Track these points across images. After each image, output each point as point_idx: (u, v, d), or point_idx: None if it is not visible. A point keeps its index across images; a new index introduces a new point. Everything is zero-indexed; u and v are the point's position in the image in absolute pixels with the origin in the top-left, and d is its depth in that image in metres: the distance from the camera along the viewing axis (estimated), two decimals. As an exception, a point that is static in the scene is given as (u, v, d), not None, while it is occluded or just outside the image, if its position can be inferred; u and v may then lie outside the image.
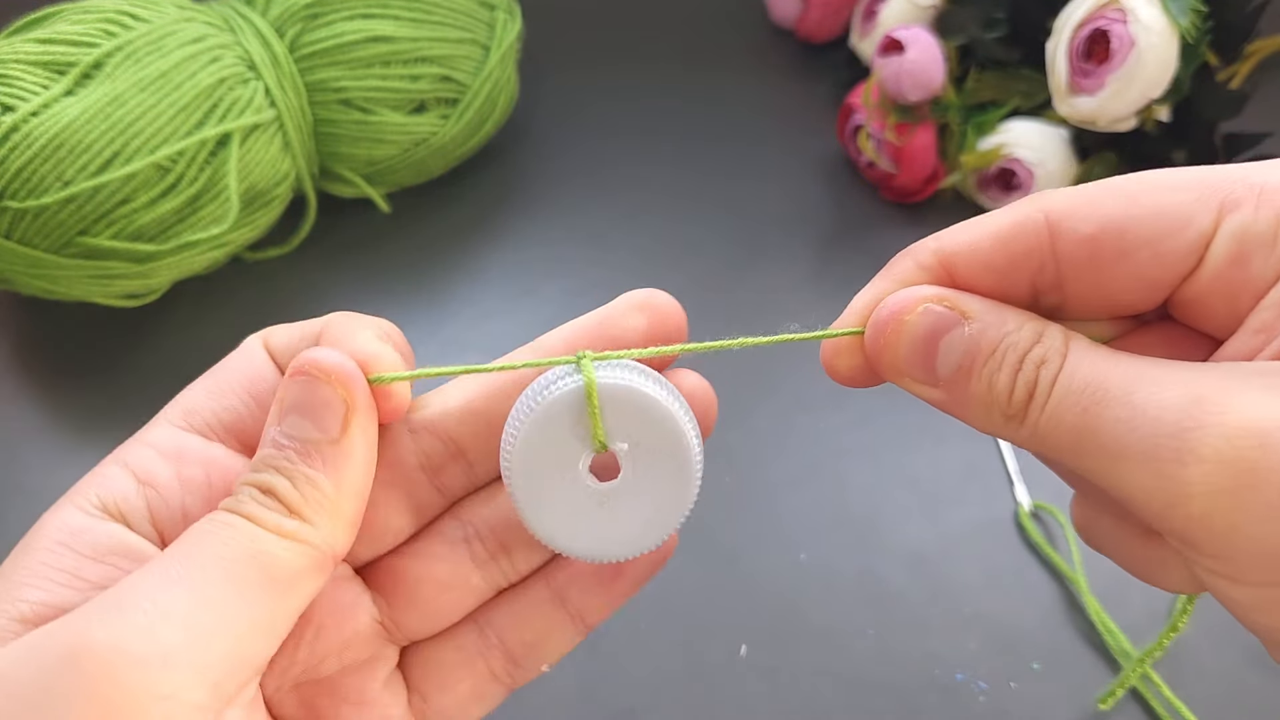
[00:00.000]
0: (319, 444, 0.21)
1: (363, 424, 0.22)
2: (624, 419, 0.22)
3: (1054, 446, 0.20)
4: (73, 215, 0.42)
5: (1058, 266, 0.21)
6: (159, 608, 0.19)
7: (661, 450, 0.22)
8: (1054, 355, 0.20)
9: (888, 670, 0.39)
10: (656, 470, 0.22)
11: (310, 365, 0.21)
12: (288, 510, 0.21)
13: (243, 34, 0.46)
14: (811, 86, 0.60)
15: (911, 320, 0.21)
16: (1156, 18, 0.44)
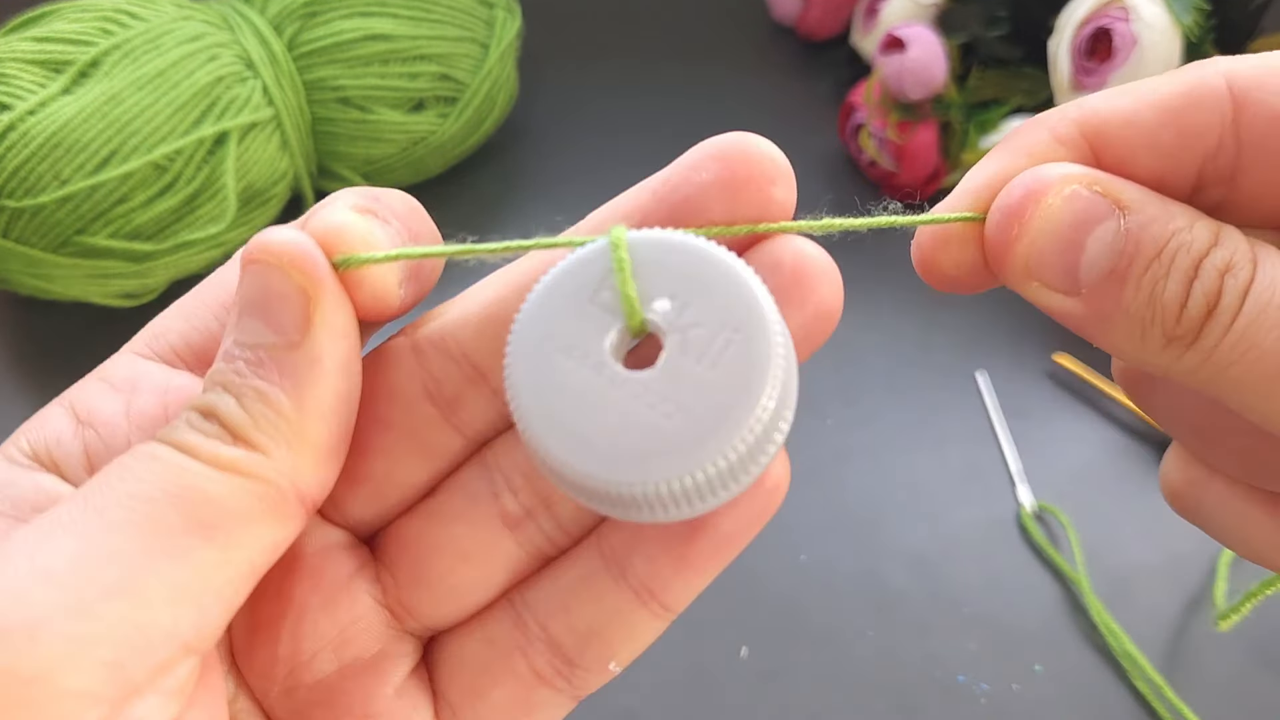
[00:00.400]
0: (274, 349, 0.16)
1: (330, 320, 0.16)
2: (667, 282, 0.16)
3: (1237, 377, 0.15)
4: (70, 214, 0.42)
5: (1239, 150, 0.16)
6: (35, 564, 0.14)
7: (717, 324, 0.15)
8: (1243, 261, 0.15)
9: (889, 672, 0.38)
10: (714, 353, 0.15)
11: (259, 250, 0.16)
12: (230, 435, 0.16)
13: (240, 32, 0.46)
14: (812, 85, 0.59)
15: (1053, 205, 0.16)
16: (1159, 16, 0.43)
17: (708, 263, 0.16)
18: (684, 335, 0.16)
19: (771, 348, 0.15)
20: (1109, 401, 0.45)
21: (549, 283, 0.17)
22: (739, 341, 0.15)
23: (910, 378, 0.47)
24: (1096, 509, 0.43)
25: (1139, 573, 0.41)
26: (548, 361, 0.16)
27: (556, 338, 0.16)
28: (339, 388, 0.17)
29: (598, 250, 0.16)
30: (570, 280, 0.16)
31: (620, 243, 0.16)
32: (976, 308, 0.49)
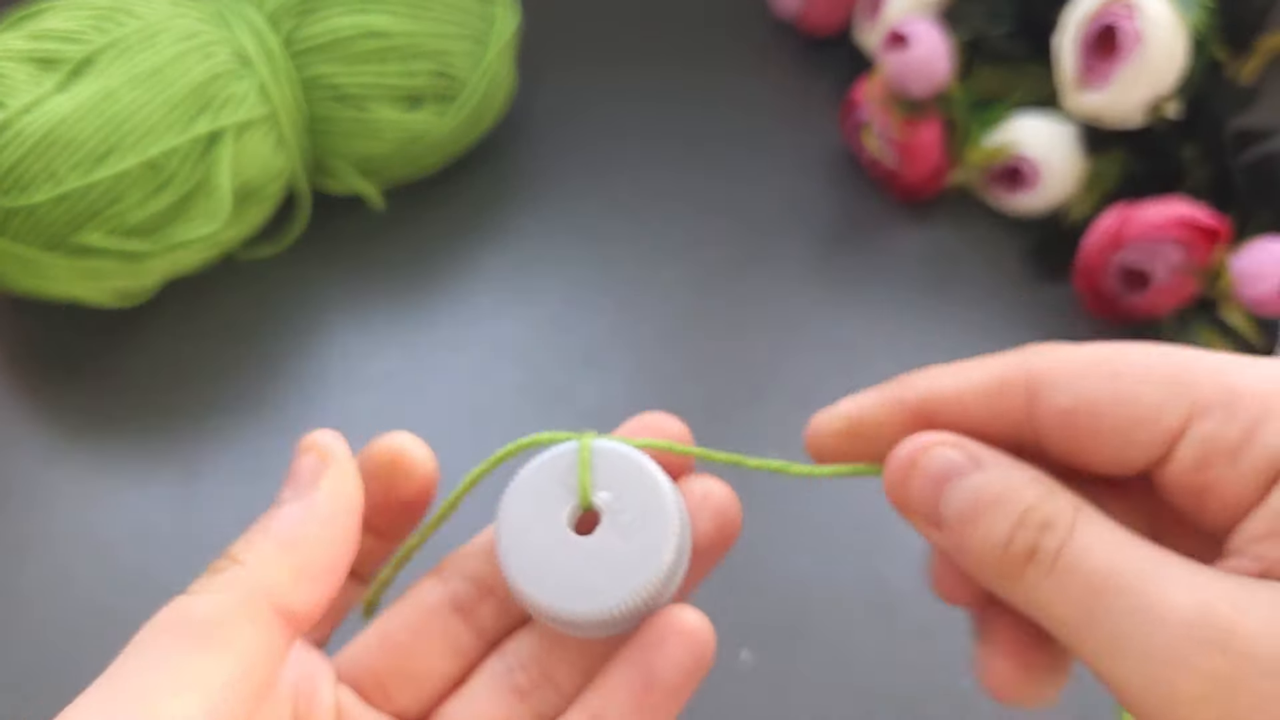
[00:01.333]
0: (284, 500, 0.21)
1: (334, 476, 0.22)
2: (612, 479, 0.23)
3: (1048, 615, 0.20)
4: (64, 213, 0.42)
5: (1035, 431, 0.21)
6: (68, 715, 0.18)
7: (640, 512, 0.23)
8: (1060, 521, 0.20)
9: (892, 676, 0.38)
10: (633, 532, 0.22)
11: (303, 442, 0.23)
12: (228, 559, 0.20)
13: (236, 29, 0.46)
14: (814, 82, 0.59)
15: (928, 459, 0.22)
16: (1165, 12, 0.43)
17: (641, 471, 0.23)
18: (615, 518, 0.23)
19: (668, 537, 0.22)
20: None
21: (533, 466, 0.24)
22: (648, 529, 0.22)
23: (913, 378, 0.46)
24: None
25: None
26: (524, 522, 0.23)
27: (532, 507, 0.23)
28: (328, 529, 0.21)
29: (571, 450, 0.23)
30: (549, 467, 0.23)
31: (585, 447, 0.23)
32: (980, 306, 0.49)
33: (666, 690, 0.23)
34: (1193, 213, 0.44)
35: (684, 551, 0.23)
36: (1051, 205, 0.50)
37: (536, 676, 0.24)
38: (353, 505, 0.22)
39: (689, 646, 0.23)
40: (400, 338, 0.48)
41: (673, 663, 0.23)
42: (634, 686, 0.23)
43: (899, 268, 0.51)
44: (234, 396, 0.46)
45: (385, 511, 0.24)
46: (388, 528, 0.25)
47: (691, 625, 0.23)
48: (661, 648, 0.22)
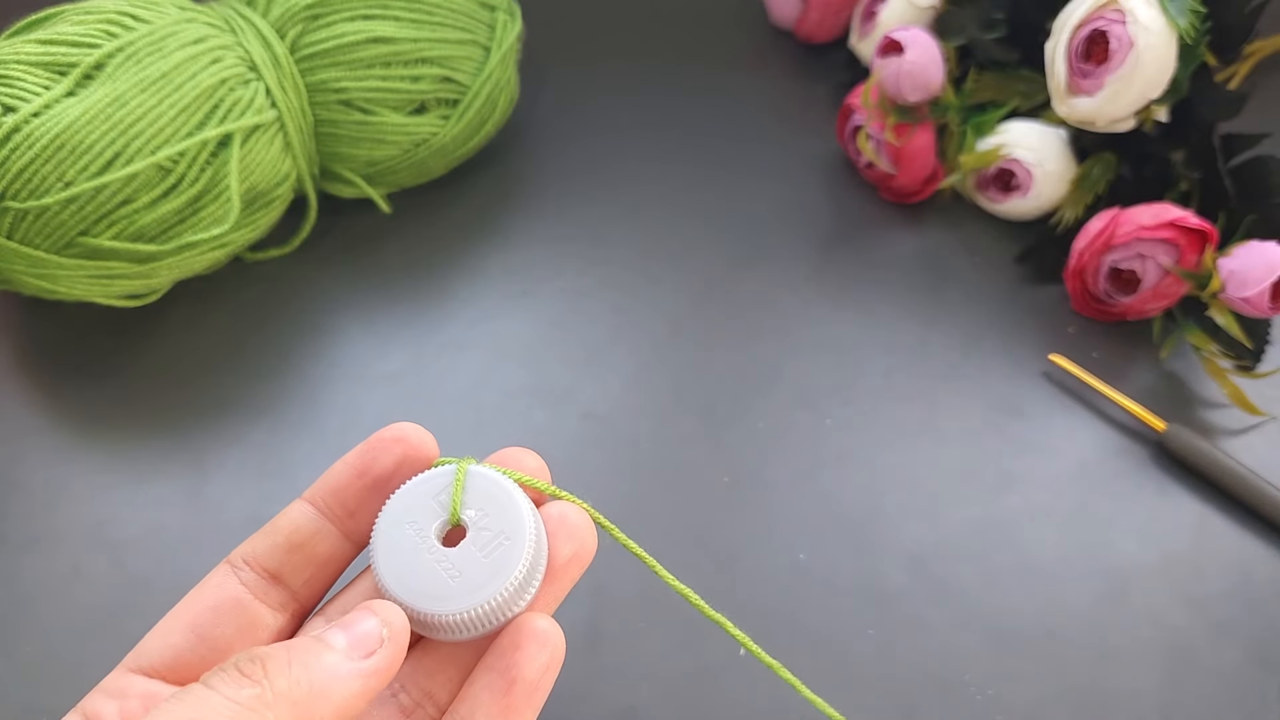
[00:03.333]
0: (336, 655, 0.22)
1: (389, 655, 0.23)
2: (480, 499, 0.26)
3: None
4: (74, 216, 0.42)
5: None
6: None
7: (499, 530, 0.25)
8: None
9: (887, 670, 0.39)
10: (492, 548, 0.25)
11: (379, 608, 0.24)
12: (264, 672, 0.21)
13: (244, 35, 0.46)
14: (811, 87, 0.60)
15: None
16: (1155, 18, 0.44)
17: (505, 494, 0.26)
18: (477, 534, 0.25)
19: (521, 552, 0.25)
20: (1105, 401, 0.46)
21: (412, 484, 0.26)
22: (505, 545, 0.25)
23: (908, 378, 0.47)
24: (1092, 508, 0.43)
25: (1134, 572, 0.41)
26: (398, 531, 0.25)
27: (406, 518, 0.25)
28: (361, 700, 0.22)
29: (448, 471, 0.26)
30: (426, 484, 0.26)
31: (461, 470, 0.26)
32: (973, 309, 0.49)
33: (526, 688, 0.25)
34: (1182, 215, 0.44)
35: (537, 566, 0.25)
36: (1043, 208, 0.51)
37: (417, 695, 0.26)
38: (387, 681, 0.23)
39: (541, 647, 0.25)
40: (406, 338, 0.48)
41: (529, 663, 0.25)
42: (496, 688, 0.25)
43: (894, 270, 0.51)
44: (242, 396, 0.46)
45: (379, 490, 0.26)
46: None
47: (542, 628, 0.25)
48: (517, 651, 0.25)
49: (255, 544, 0.26)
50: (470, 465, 0.26)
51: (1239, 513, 0.42)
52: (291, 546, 0.26)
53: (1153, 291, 0.46)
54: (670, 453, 0.45)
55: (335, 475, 0.27)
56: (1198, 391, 0.46)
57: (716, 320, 0.49)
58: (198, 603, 0.25)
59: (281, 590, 0.26)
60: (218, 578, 0.26)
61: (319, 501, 0.27)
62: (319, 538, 0.26)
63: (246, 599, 0.25)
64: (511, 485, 0.26)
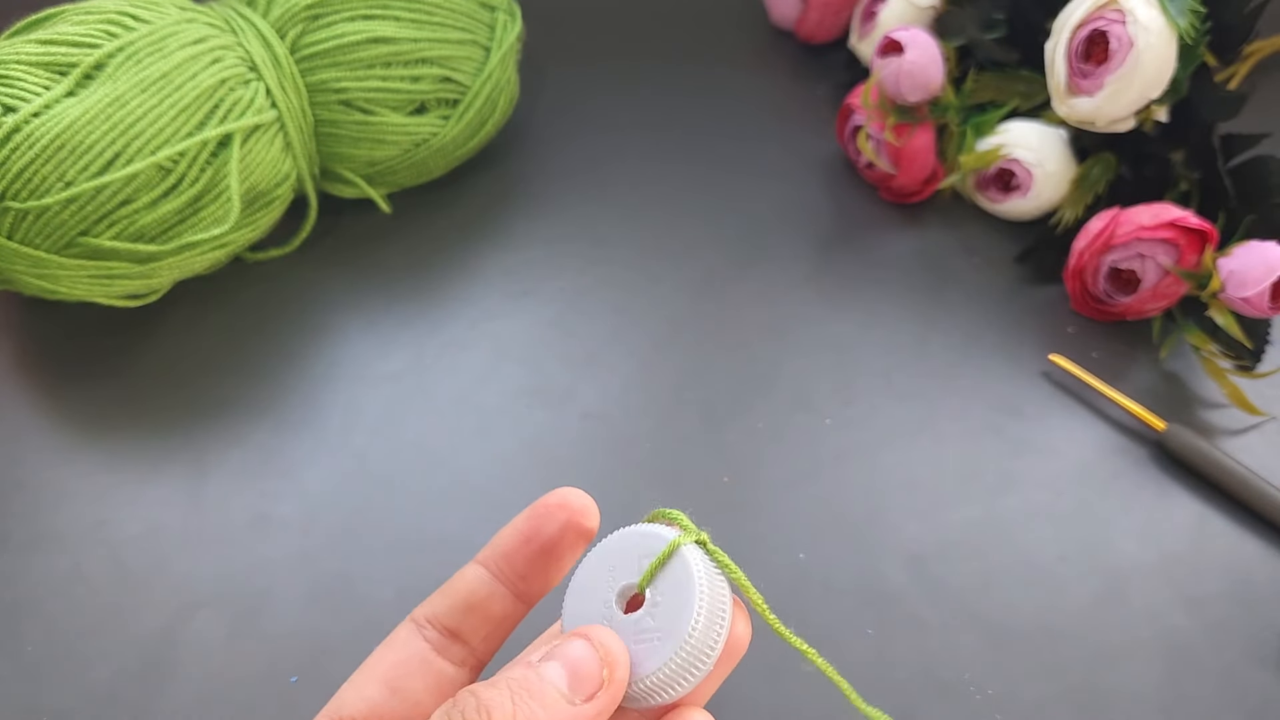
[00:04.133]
0: (560, 696, 0.22)
1: (607, 698, 0.23)
2: (667, 579, 0.25)
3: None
4: (74, 216, 0.42)
5: None
6: None
7: (671, 619, 0.24)
8: None
9: (887, 670, 0.39)
10: (664, 617, 0.24)
11: (598, 642, 0.23)
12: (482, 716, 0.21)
13: (244, 35, 0.46)
14: (811, 87, 0.60)
15: None
16: (1155, 18, 0.44)
17: (686, 573, 0.25)
18: (654, 604, 0.24)
19: (674, 646, 0.24)
20: (1104, 401, 0.46)
21: (608, 545, 0.26)
22: (667, 630, 0.24)
23: (908, 377, 0.47)
24: (1091, 508, 0.43)
25: (1134, 572, 0.41)
26: (585, 594, 0.25)
27: (599, 575, 0.25)
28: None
29: (653, 536, 0.25)
30: (622, 545, 0.25)
31: (674, 545, 0.25)
32: (973, 309, 0.49)
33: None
34: (1182, 216, 0.44)
35: (700, 656, 0.24)
36: (1043, 208, 0.51)
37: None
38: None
39: None
40: (407, 338, 0.48)
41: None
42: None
43: (893, 270, 0.51)
44: (243, 396, 0.47)
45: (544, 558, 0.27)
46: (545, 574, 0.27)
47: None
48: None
49: (435, 604, 0.27)
50: (685, 545, 0.25)
51: (1238, 513, 0.43)
52: (468, 608, 0.27)
53: (1152, 291, 0.46)
54: (670, 453, 0.45)
55: (505, 540, 0.27)
56: (1197, 391, 0.46)
57: (716, 320, 0.49)
58: (387, 657, 0.26)
59: (461, 647, 0.27)
60: (404, 634, 0.27)
61: (491, 565, 0.27)
62: (493, 599, 0.27)
63: (430, 655, 0.26)
64: (702, 573, 0.25)
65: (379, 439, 0.45)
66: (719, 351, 0.48)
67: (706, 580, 0.25)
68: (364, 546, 0.42)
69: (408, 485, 0.44)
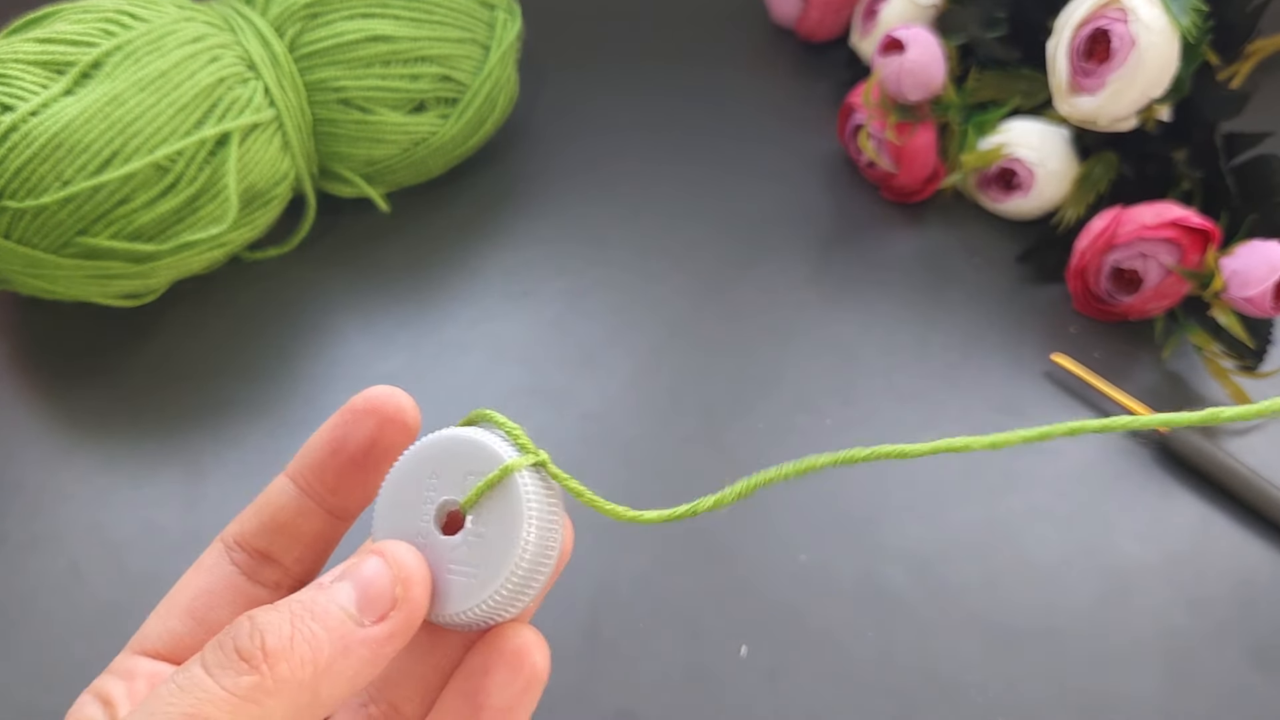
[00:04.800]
0: (345, 617, 0.20)
1: (404, 618, 0.21)
2: (493, 507, 0.23)
3: None
4: (72, 215, 0.42)
5: None
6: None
7: (493, 556, 0.22)
8: None
9: (888, 671, 0.39)
10: (486, 552, 0.23)
11: (393, 559, 0.21)
12: (263, 653, 0.19)
13: (242, 33, 0.46)
14: (812, 86, 0.59)
15: None
16: (1157, 17, 0.44)
17: (512, 490, 0.23)
18: (476, 535, 0.23)
19: (510, 566, 0.22)
20: (1106, 401, 0.46)
21: (419, 451, 0.23)
22: (501, 549, 0.22)
23: (909, 378, 0.47)
24: (1093, 509, 0.43)
25: (1136, 573, 0.41)
26: (398, 510, 0.23)
27: (410, 491, 0.23)
28: (366, 668, 0.20)
29: (464, 441, 0.23)
30: (437, 450, 0.23)
31: (505, 470, 0.23)
32: (974, 308, 0.49)
33: (497, 712, 0.23)
34: (1184, 215, 0.44)
35: (535, 573, 0.23)
36: (1045, 207, 0.51)
37: (385, 707, 0.24)
38: (403, 644, 0.21)
39: (515, 672, 0.23)
40: (405, 338, 0.48)
41: (499, 690, 0.22)
42: (462, 710, 0.23)
43: (894, 270, 0.51)
44: (241, 396, 0.46)
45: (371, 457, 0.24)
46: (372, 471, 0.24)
47: (516, 649, 0.23)
48: (486, 676, 0.23)
49: (245, 523, 0.25)
50: (517, 468, 0.23)
51: (1241, 514, 0.42)
52: (276, 527, 0.25)
53: (1155, 291, 0.46)
54: (670, 453, 0.44)
55: (311, 451, 0.25)
56: (1200, 392, 0.46)
57: (716, 320, 0.49)
58: (193, 584, 0.24)
59: (274, 568, 0.25)
60: (211, 558, 0.25)
61: (299, 479, 0.25)
62: (304, 517, 0.25)
63: (239, 580, 0.24)
64: (534, 509, 0.23)
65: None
66: (719, 352, 0.48)
67: (538, 514, 0.23)
68: (362, 547, 0.42)
69: (406, 486, 0.43)
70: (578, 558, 0.41)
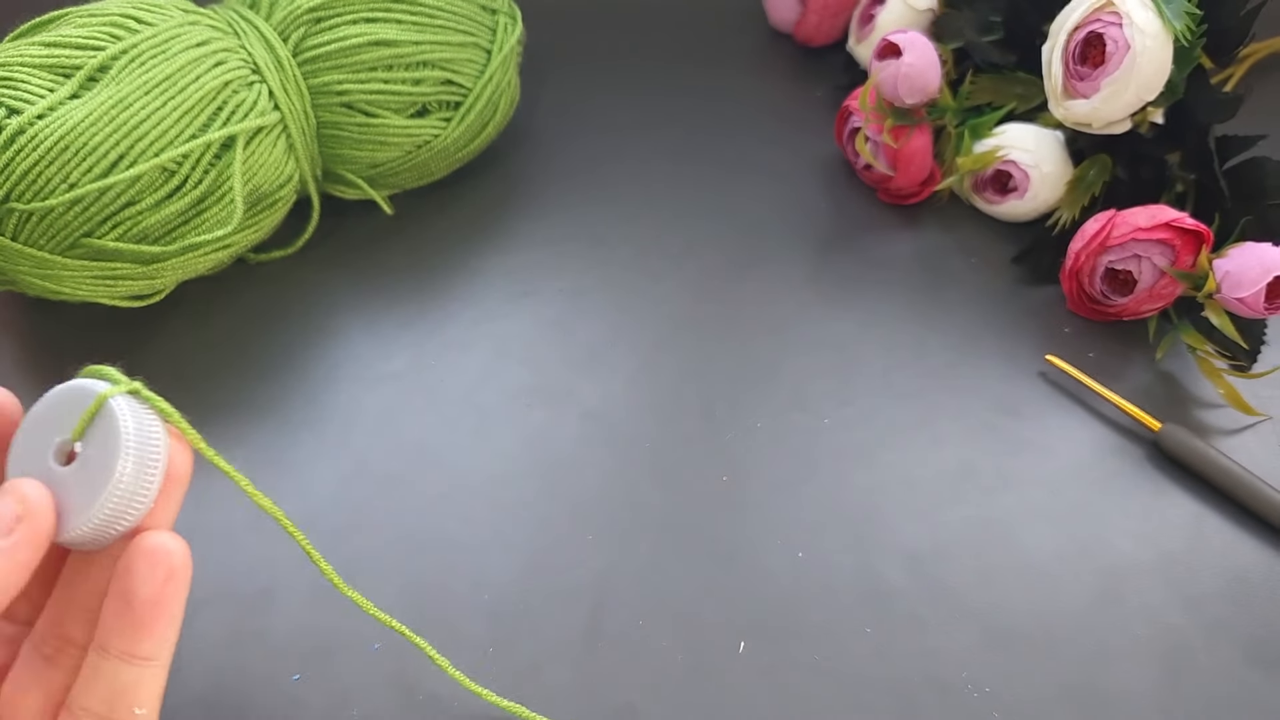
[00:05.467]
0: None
1: (19, 537, 0.25)
2: (97, 431, 0.27)
3: None
4: (78, 217, 0.42)
5: None
6: None
7: (100, 468, 0.26)
8: None
9: (886, 668, 0.39)
10: (92, 471, 0.26)
11: (9, 488, 0.26)
12: None
13: (247, 38, 0.46)
14: (809, 90, 0.60)
15: None
16: (1151, 21, 0.44)
17: (108, 412, 0.27)
18: (85, 457, 0.27)
19: (115, 475, 0.26)
20: (1100, 401, 0.46)
21: (46, 404, 0.28)
22: (106, 463, 0.26)
23: (905, 378, 0.47)
24: (1088, 508, 0.43)
25: (1130, 571, 0.41)
26: (28, 450, 0.27)
27: (38, 436, 0.27)
28: (14, 577, 0.25)
29: (84, 396, 0.27)
30: (60, 401, 0.28)
31: (101, 398, 0.27)
32: (970, 309, 0.50)
33: (145, 604, 0.26)
34: (1178, 217, 0.44)
35: (140, 483, 0.27)
36: (1040, 210, 0.51)
37: (56, 642, 0.28)
38: (35, 558, 0.25)
39: (154, 565, 0.26)
40: (408, 339, 0.49)
41: (142, 582, 0.26)
42: (118, 610, 0.26)
43: (891, 271, 0.51)
44: (245, 396, 0.47)
45: None
46: None
47: (151, 545, 0.26)
48: (129, 573, 0.26)
49: None
50: (110, 395, 0.27)
51: (1234, 512, 0.43)
52: None
53: (1148, 292, 0.46)
54: (670, 453, 0.45)
55: None
56: (1193, 391, 0.46)
57: (716, 320, 0.49)
58: None
59: None
60: None
61: None
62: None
63: None
64: (128, 421, 0.27)
65: (380, 439, 0.45)
66: (719, 352, 0.48)
67: (134, 426, 0.27)
68: (365, 546, 0.42)
69: (408, 485, 0.44)
70: (577, 554, 0.41)
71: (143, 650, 0.26)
